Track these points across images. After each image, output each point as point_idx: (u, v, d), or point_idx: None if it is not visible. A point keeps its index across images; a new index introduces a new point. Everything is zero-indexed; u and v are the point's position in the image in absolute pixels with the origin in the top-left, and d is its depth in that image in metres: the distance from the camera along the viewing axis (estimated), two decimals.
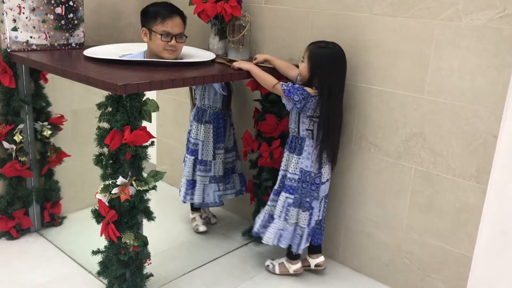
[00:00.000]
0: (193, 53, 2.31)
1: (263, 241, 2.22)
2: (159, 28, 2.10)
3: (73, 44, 2.41)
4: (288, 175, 2.14)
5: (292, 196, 2.13)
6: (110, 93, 1.73)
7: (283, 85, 2.02)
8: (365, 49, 2.11)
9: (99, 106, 1.77)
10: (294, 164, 2.12)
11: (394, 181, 2.13)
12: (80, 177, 2.75)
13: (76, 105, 2.64)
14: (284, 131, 2.39)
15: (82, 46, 2.43)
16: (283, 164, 2.18)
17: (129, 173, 1.79)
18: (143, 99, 1.76)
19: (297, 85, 2.03)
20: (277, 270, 2.29)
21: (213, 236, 2.61)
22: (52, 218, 2.57)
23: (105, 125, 1.79)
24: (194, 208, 2.71)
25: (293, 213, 2.13)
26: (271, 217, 2.22)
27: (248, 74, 2.15)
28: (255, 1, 2.47)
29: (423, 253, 2.10)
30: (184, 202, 2.61)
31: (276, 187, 2.21)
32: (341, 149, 2.27)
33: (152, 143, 1.81)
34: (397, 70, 2.04)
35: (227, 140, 2.59)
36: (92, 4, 2.53)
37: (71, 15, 2.36)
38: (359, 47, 2.13)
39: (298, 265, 2.26)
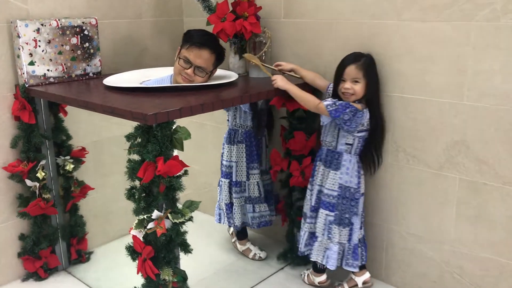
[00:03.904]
0: (216, 74, 2.22)
1: (311, 259, 2.14)
2: (184, 52, 2.04)
3: (91, 74, 2.34)
4: (325, 191, 2.05)
5: (333, 214, 2.04)
6: (138, 123, 1.65)
7: (328, 105, 1.93)
8: (395, 57, 2.02)
9: (128, 137, 1.68)
10: (332, 180, 2.03)
11: (437, 193, 2.03)
12: (104, 210, 2.67)
13: (96, 136, 2.57)
14: (314, 148, 2.30)
15: (99, 75, 2.36)
16: (317, 179, 2.09)
17: (164, 206, 1.70)
18: (174, 127, 1.68)
19: (342, 102, 1.94)
20: (306, 280, 2.28)
21: (247, 262, 2.50)
22: (79, 255, 2.48)
23: (135, 156, 1.71)
24: (242, 237, 2.59)
25: (335, 230, 2.04)
26: (312, 235, 2.14)
27: (278, 92, 2.06)
28: (274, 16, 2.40)
29: (475, 267, 1.98)
30: (230, 226, 2.57)
31: (313, 203, 2.12)
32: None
33: (186, 172, 1.72)
34: (431, 76, 1.94)
35: (265, 162, 2.50)
36: (106, 31, 2.47)
37: (87, 44, 2.29)
38: (389, 55, 2.04)
39: (322, 278, 2.22)
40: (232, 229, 2.63)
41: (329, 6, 2.19)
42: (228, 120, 2.51)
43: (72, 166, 2.33)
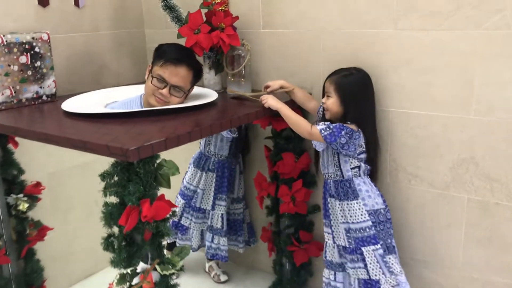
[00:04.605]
0: (192, 93, 1.97)
1: None
2: (157, 70, 1.78)
3: (44, 97, 2.01)
4: (355, 226, 1.79)
5: (379, 245, 1.78)
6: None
7: (322, 130, 1.72)
8: (393, 69, 1.86)
9: (103, 176, 1.40)
10: (358, 211, 1.78)
11: (443, 214, 1.88)
12: (64, 250, 2.35)
13: (52, 167, 2.24)
14: (304, 170, 2.09)
15: (54, 97, 2.04)
16: (336, 216, 1.84)
17: (149, 255, 1.43)
18: (158, 161, 1.41)
19: (336, 124, 1.73)
20: None
21: None
22: None
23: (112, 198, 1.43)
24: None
25: (392, 261, 1.79)
26: (366, 281, 1.83)
27: (267, 112, 1.84)
28: (252, 26, 2.18)
29: None
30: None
31: (345, 245, 1.83)
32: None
33: (174, 214, 1.46)
34: (434, 89, 1.79)
35: (237, 189, 2.29)
36: (59, 47, 2.16)
37: (39, 63, 1.97)
38: (385, 67, 1.87)
39: None
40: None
41: (315, 14, 1.99)
42: (200, 142, 2.27)
43: (26, 205, 1.98)
